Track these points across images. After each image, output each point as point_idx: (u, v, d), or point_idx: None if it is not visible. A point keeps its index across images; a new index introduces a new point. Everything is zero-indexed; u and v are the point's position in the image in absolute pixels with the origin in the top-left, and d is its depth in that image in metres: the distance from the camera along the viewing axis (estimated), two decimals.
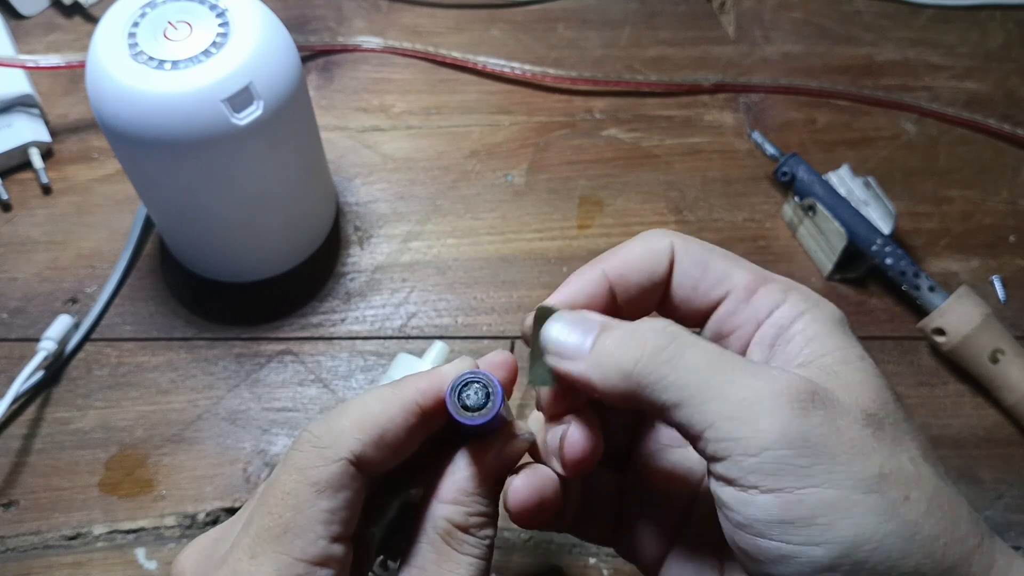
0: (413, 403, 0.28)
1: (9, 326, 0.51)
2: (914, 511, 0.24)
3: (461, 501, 0.29)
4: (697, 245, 0.30)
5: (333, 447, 0.27)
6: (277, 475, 0.28)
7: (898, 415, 0.26)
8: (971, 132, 0.60)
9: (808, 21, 0.66)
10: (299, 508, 0.27)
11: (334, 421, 0.28)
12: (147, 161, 0.45)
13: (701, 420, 0.25)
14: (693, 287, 0.29)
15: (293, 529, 0.26)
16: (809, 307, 0.28)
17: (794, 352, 0.27)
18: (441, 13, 0.65)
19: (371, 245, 0.54)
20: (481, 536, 0.29)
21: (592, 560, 0.44)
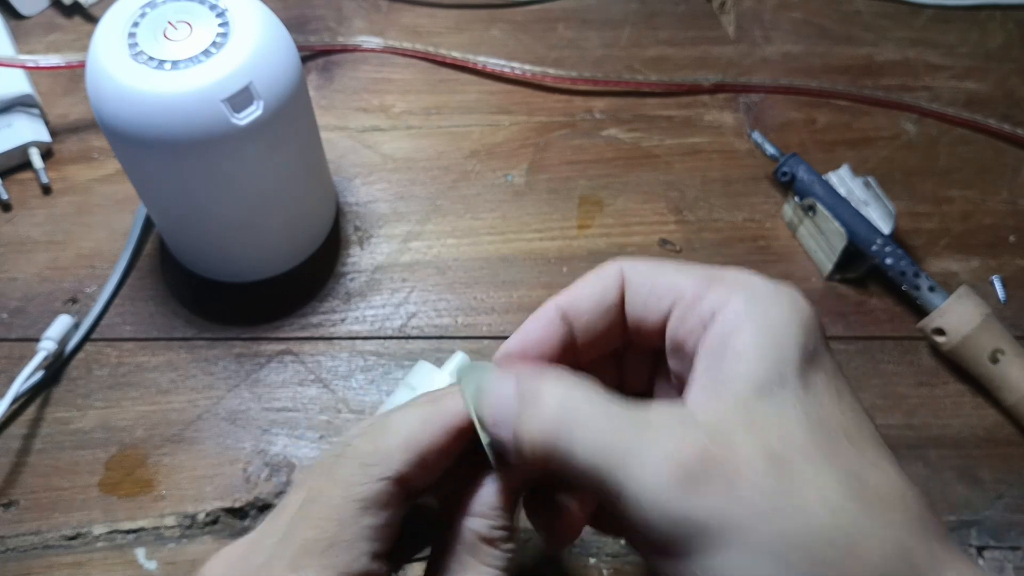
0: (454, 425, 0.29)
1: (9, 326, 0.51)
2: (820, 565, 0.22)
3: (487, 515, 0.29)
4: (645, 263, 0.30)
5: (381, 465, 0.27)
6: (320, 488, 0.28)
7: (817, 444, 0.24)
8: (971, 132, 0.60)
9: (808, 21, 0.66)
10: (344, 523, 0.27)
11: (381, 439, 0.28)
12: (147, 161, 0.45)
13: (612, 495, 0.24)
14: (643, 305, 0.29)
15: (339, 544, 0.27)
16: (752, 312, 0.26)
17: (728, 372, 0.26)
18: (441, 13, 0.65)
19: (371, 245, 0.54)
20: (504, 549, 0.29)
21: (592, 560, 0.44)
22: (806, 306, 0.27)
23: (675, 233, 0.55)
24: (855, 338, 0.50)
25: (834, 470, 0.24)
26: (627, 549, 0.44)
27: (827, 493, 0.23)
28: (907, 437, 0.47)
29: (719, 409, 0.25)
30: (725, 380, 0.25)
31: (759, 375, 0.25)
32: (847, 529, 0.23)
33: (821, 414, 0.25)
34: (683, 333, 0.28)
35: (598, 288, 0.30)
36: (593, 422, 0.25)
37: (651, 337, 0.29)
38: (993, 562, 0.44)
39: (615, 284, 0.29)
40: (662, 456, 0.23)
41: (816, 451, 0.24)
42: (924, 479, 0.46)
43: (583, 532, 0.44)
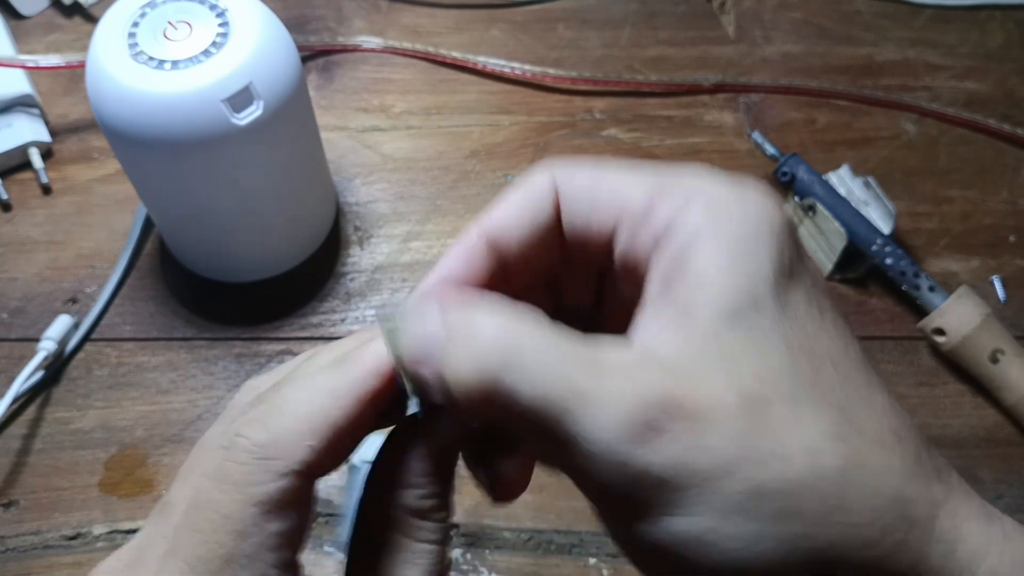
0: (367, 391, 0.23)
1: (9, 326, 0.51)
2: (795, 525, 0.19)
3: (413, 484, 0.24)
4: (582, 169, 0.24)
5: (281, 458, 0.22)
6: (209, 491, 0.23)
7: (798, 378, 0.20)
8: (971, 132, 0.60)
9: (808, 21, 0.66)
10: (243, 534, 0.22)
11: (278, 423, 0.23)
12: (147, 161, 0.45)
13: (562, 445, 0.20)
14: (584, 221, 0.24)
15: (237, 560, 0.22)
16: (714, 222, 0.21)
17: (690, 298, 0.21)
18: (441, 13, 0.65)
19: (371, 245, 0.54)
20: (437, 519, 0.25)
21: (592, 560, 0.44)
22: (776, 209, 0.22)
23: None
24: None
25: (819, 409, 0.20)
26: None
27: (811, 437, 0.20)
28: None
29: (682, 343, 0.21)
30: (687, 307, 0.21)
31: (728, 300, 0.21)
32: (834, 479, 0.20)
33: (803, 341, 0.21)
34: (633, 253, 0.23)
35: (528, 206, 0.24)
36: (538, 358, 0.20)
37: (595, 255, 0.24)
38: None
39: (548, 198, 0.24)
40: (617, 400, 0.19)
41: (798, 387, 0.20)
42: None
43: (583, 532, 0.44)
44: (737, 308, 0.21)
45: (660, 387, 0.20)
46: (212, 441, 0.24)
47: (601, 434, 0.19)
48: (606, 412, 0.20)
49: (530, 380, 0.20)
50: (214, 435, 0.25)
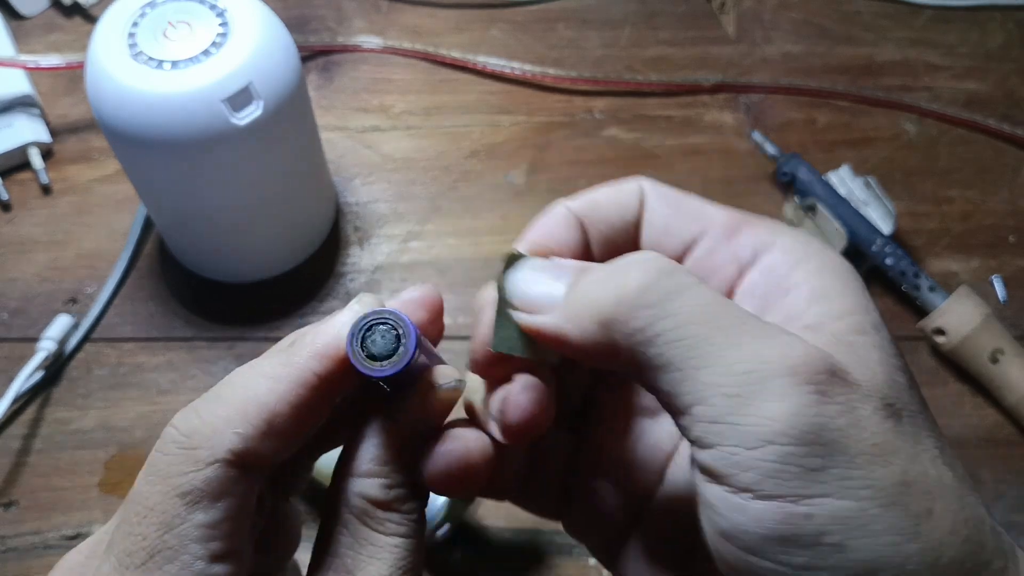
0: (310, 373, 0.23)
1: (9, 326, 0.51)
2: (939, 529, 0.19)
3: (377, 472, 0.23)
4: (669, 188, 0.26)
5: (205, 446, 0.22)
6: (138, 486, 0.22)
7: (915, 405, 0.21)
8: (971, 132, 0.60)
9: (808, 21, 0.65)
10: (168, 526, 0.21)
11: (206, 411, 0.22)
12: (147, 161, 0.45)
13: (691, 391, 0.20)
14: (665, 227, 0.25)
15: (162, 552, 0.21)
16: (810, 253, 0.23)
17: (796, 310, 0.22)
18: (441, 13, 0.65)
19: (371, 245, 0.54)
20: (406, 510, 0.23)
21: (592, 560, 0.44)
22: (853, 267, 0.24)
23: None
24: None
25: (931, 433, 0.21)
26: None
27: (932, 450, 0.20)
28: None
29: (820, 341, 0.21)
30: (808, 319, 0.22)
31: (854, 317, 0.22)
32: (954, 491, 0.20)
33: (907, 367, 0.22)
34: (708, 267, 0.24)
35: (617, 201, 0.25)
36: (698, 301, 0.20)
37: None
38: None
39: (635, 200, 0.25)
40: (785, 346, 0.20)
41: (917, 409, 0.21)
42: None
43: None
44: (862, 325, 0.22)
45: (823, 353, 0.20)
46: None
47: (770, 371, 0.19)
48: (775, 351, 0.20)
49: (687, 322, 0.20)
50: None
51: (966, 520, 0.20)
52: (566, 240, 0.25)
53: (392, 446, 0.23)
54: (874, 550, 0.19)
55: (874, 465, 0.19)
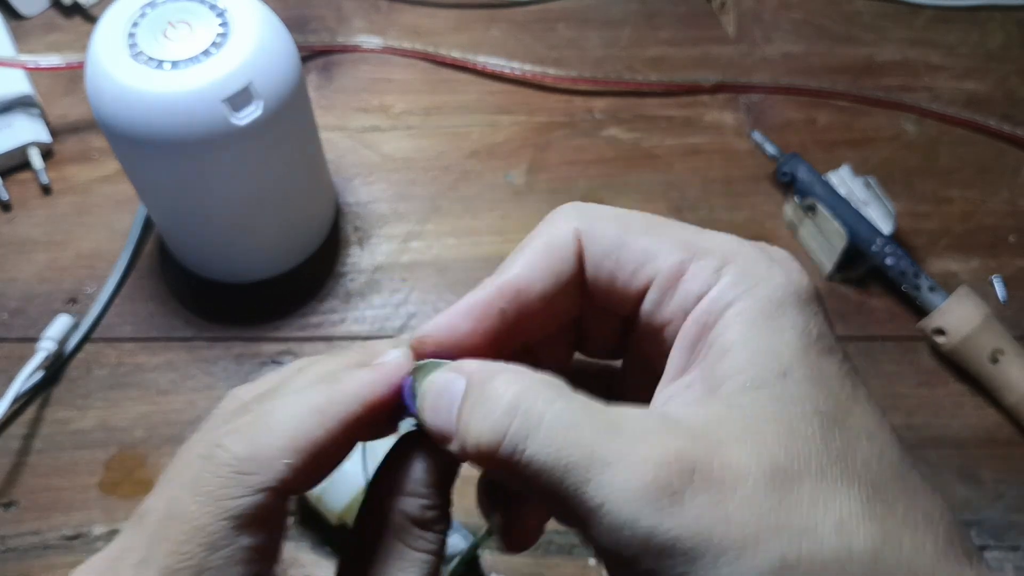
0: (354, 412, 0.23)
1: (9, 326, 0.51)
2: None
3: (418, 493, 0.25)
4: (609, 223, 0.24)
5: (258, 474, 0.22)
6: (184, 504, 0.23)
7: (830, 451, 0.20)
8: (971, 132, 0.60)
9: (808, 21, 0.65)
10: (214, 547, 0.22)
11: (259, 439, 0.23)
12: (147, 161, 0.45)
13: (578, 512, 0.20)
14: (609, 280, 0.24)
15: (206, 572, 0.22)
16: (745, 289, 0.22)
17: (715, 368, 0.21)
18: (441, 13, 0.65)
19: (371, 245, 0.54)
20: (436, 531, 0.25)
21: (592, 560, 0.44)
22: (804, 280, 0.22)
23: None
24: (855, 338, 0.50)
25: (851, 483, 0.19)
26: None
27: (842, 513, 0.19)
28: (907, 437, 0.47)
29: (707, 412, 0.20)
30: (711, 378, 0.21)
31: (753, 368, 0.20)
32: (866, 560, 0.19)
33: (835, 412, 0.20)
34: (660, 319, 0.23)
35: (551, 260, 0.24)
36: (551, 426, 0.20)
37: (619, 307, 0.25)
38: (993, 562, 0.44)
39: (570, 255, 0.24)
40: (635, 465, 0.19)
41: (829, 459, 0.20)
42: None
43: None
44: (762, 376, 0.20)
45: (682, 451, 0.19)
46: (191, 450, 0.24)
47: (619, 497, 0.19)
48: (624, 477, 0.19)
49: (547, 444, 0.20)
50: (194, 443, 0.25)
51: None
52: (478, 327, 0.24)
53: (436, 471, 0.25)
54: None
55: (743, 558, 0.19)
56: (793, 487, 0.19)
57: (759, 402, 0.20)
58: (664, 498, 0.19)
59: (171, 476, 0.25)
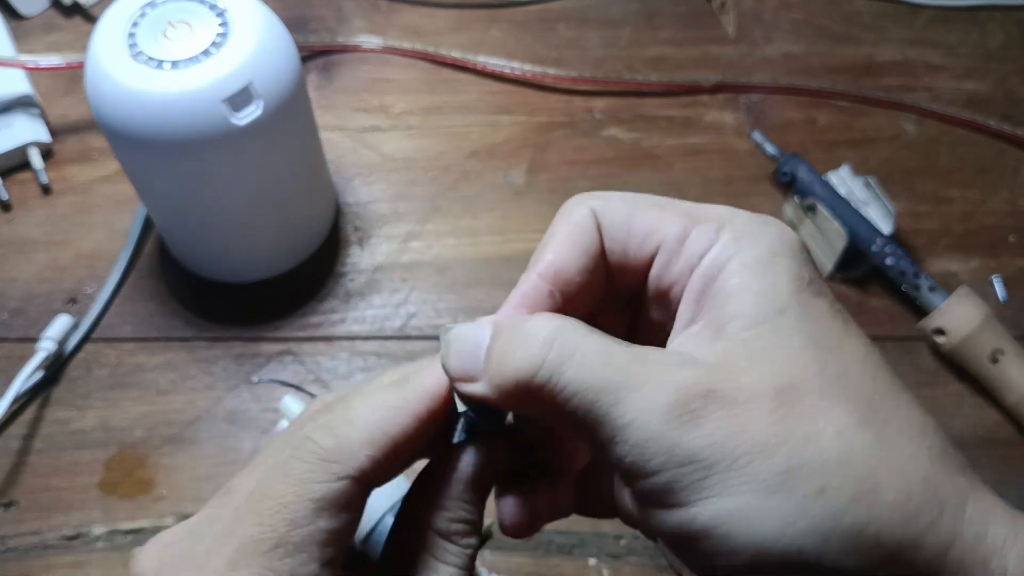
0: (425, 410, 0.26)
1: (9, 326, 0.51)
2: (832, 502, 0.21)
3: (449, 506, 0.27)
4: (618, 201, 0.26)
5: (342, 463, 0.25)
6: (272, 482, 0.25)
7: (827, 372, 0.22)
8: (971, 132, 0.60)
9: (808, 21, 0.65)
10: (296, 524, 0.24)
11: (343, 432, 0.25)
12: (147, 161, 0.45)
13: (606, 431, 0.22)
14: (623, 251, 0.26)
15: (285, 546, 0.24)
16: (741, 246, 0.24)
17: (719, 312, 0.24)
18: (441, 13, 0.65)
19: (371, 245, 0.54)
20: (463, 545, 0.27)
21: (592, 560, 0.44)
22: (793, 236, 0.25)
23: None
24: None
25: (848, 399, 0.22)
26: (627, 549, 0.44)
27: (841, 423, 0.21)
28: None
29: (717, 348, 0.23)
30: (718, 321, 0.23)
31: (754, 308, 0.23)
32: (865, 460, 0.21)
33: (829, 341, 0.23)
34: (668, 280, 0.26)
35: (579, 241, 0.26)
36: (585, 354, 0.23)
37: (631, 282, 0.27)
38: None
39: (593, 229, 0.26)
40: (659, 387, 0.22)
41: (826, 380, 0.22)
42: None
43: (583, 532, 0.44)
44: (763, 314, 0.23)
45: (699, 378, 0.22)
46: (281, 441, 0.27)
47: (646, 417, 0.22)
48: (650, 397, 0.22)
49: (579, 370, 0.22)
50: (285, 436, 0.27)
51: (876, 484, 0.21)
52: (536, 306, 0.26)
53: (465, 485, 0.27)
54: (761, 534, 0.21)
55: (754, 462, 0.21)
56: (796, 403, 0.22)
57: (761, 336, 0.23)
58: (686, 415, 0.21)
59: (260, 461, 0.27)
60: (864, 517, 0.21)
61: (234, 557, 0.24)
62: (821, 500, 0.21)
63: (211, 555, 0.25)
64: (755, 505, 0.21)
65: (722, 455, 0.21)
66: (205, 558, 0.25)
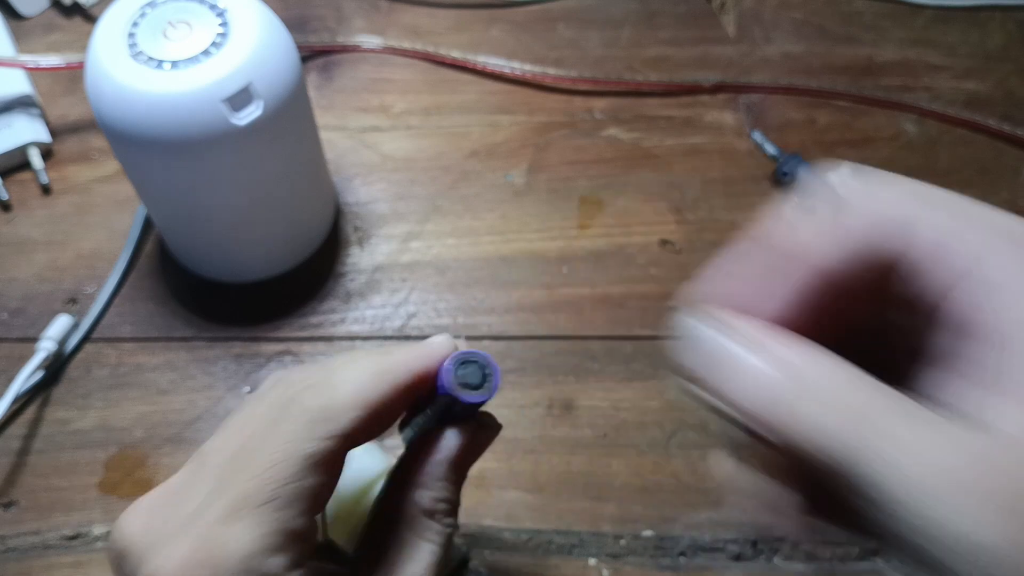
0: (405, 383, 0.27)
1: (9, 326, 0.51)
2: None
3: (431, 486, 0.28)
4: (943, 213, 0.20)
5: (330, 423, 0.26)
6: (262, 440, 0.26)
7: None
8: (971, 132, 0.60)
9: (808, 21, 0.65)
10: (287, 480, 0.26)
11: (330, 394, 0.27)
12: (147, 161, 0.45)
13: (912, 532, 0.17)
14: (929, 271, 0.20)
15: (278, 500, 0.25)
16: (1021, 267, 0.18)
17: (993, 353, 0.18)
18: (441, 13, 0.65)
19: (371, 245, 0.54)
20: (445, 524, 0.28)
21: (592, 560, 0.44)
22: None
23: (675, 233, 0.55)
24: None
25: None
26: (627, 549, 0.44)
27: None
28: None
29: (1015, 417, 0.18)
30: (999, 370, 0.18)
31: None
32: None
33: None
34: (915, 290, 0.20)
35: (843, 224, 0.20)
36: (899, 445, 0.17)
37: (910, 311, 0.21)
38: None
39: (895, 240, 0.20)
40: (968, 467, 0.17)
41: None
42: None
43: (583, 532, 0.44)
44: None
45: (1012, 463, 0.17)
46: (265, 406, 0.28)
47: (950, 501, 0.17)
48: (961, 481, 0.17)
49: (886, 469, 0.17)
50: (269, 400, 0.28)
51: None
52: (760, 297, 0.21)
53: (449, 466, 0.28)
54: None
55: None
56: None
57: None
58: (1005, 513, 0.16)
59: (241, 425, 0.28)
60: None
61: (227, 512, 0.25)
62: None
63: (201, 512, 0.26)
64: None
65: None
66: (196, 515, 0.26)
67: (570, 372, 0.49)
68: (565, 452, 0.47)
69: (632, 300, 0.52)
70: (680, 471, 0.46)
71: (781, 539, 0.44)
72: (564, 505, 0.45)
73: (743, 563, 0.43)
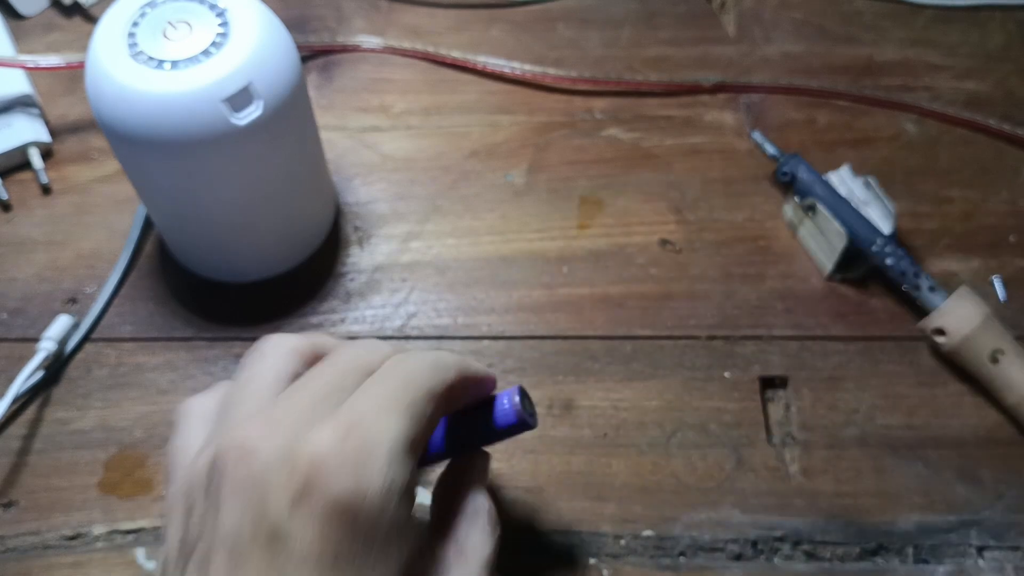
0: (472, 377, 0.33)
1: (9, 326, 0.51)
2: None
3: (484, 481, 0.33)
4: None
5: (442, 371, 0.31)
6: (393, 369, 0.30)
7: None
8: (971, 132, 0.60)
9: (808, 21, 0.66)
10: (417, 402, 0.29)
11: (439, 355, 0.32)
12: (147, 161, 0.45)
13: None
14: None
15: (417, 406, 0.29)
16: None
17: None
18: (441, 13, 0.65)
19: (371, 245, 0.54)
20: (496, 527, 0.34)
21: (592, 560, 0.44)
22: None
23: (675, 233, 0.55)
24: (855, 338, 0.50)
25: None
26: (627, 549, 0.44)
27: None
28: (907, 437, 0.47)
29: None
30: None
31: None
32: None
33: None
34: None
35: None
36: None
37: None
38: (993, 562, 0.44)
39: None
40: None
41: None
42: (924, 479, 0.46)
43: (583, 532, 0.44)
44: None
45: None
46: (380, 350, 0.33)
47: None
48: None
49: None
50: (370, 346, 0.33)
51: None
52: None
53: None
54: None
55: None
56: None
57: None
58: None
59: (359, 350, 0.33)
60: None
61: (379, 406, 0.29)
62: None
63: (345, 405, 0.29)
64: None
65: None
66: (333, 408, 0.29)
67: (570, 372, 0.49)
68: (565, 452, 0.47)
69: (632, 300, 0.52)
70: (680, 471, 0.46)
71: (781, 539, 0.44)
72: (564, 505, 0.45)
73: (743, 563, 0.43)
